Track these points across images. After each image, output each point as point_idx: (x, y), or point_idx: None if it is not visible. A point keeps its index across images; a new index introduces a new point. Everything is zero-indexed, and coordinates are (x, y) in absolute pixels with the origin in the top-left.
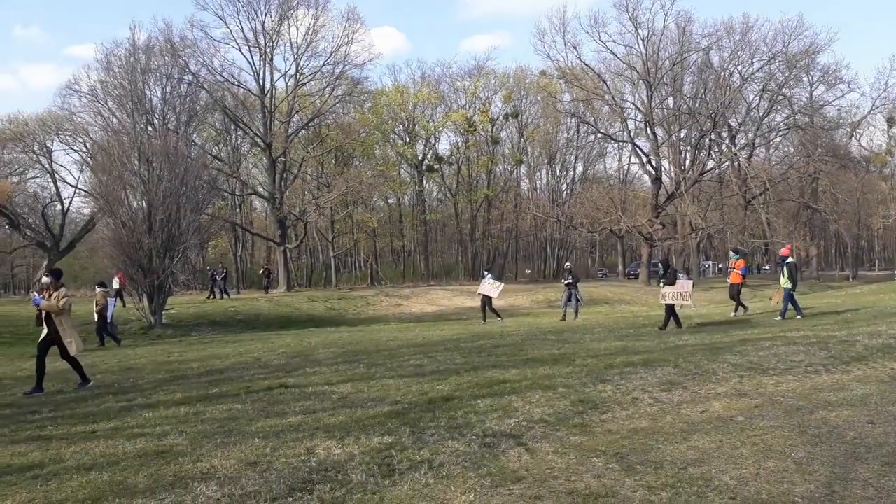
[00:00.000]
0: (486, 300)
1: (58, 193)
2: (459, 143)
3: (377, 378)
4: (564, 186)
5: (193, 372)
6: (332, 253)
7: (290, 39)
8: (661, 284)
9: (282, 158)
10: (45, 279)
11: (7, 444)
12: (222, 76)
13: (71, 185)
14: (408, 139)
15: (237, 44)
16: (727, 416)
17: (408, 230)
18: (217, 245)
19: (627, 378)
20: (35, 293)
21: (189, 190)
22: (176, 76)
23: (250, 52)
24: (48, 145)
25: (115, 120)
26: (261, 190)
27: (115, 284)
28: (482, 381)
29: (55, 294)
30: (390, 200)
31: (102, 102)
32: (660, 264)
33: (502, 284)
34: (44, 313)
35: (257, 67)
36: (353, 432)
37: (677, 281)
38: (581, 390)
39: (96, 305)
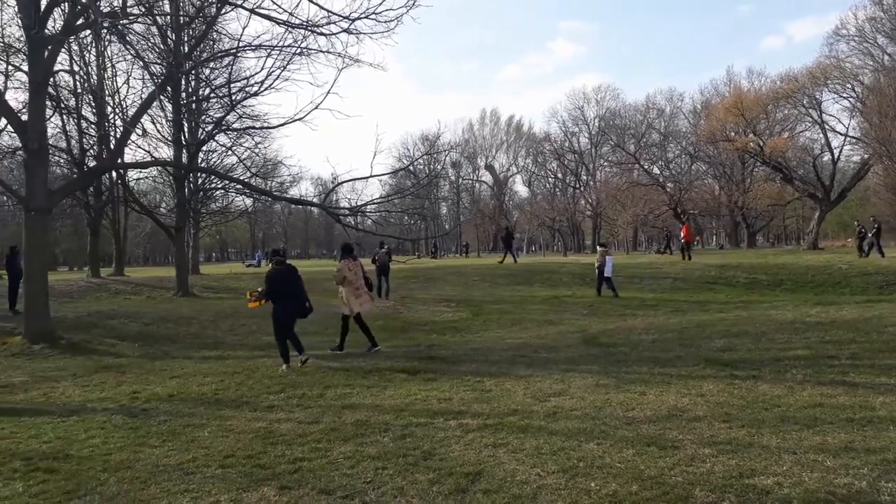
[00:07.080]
0: None
1: (827, 144)
2: None
3: None
4: None
5: None
6: None
7: None
8: None
9: None
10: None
11: (814, 384)
12: None
13: (840, 134)
14: None
15: None
16: None
17: None
18: None
19: None
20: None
21: None
22: None
23: None
24: (817, 97)
25: (886, 58)
26: None
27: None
28: None
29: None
30: None
31: (871, 42)
32: None
33: None
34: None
35: None
36: None
37: None
38: None
39: (596, 262)
